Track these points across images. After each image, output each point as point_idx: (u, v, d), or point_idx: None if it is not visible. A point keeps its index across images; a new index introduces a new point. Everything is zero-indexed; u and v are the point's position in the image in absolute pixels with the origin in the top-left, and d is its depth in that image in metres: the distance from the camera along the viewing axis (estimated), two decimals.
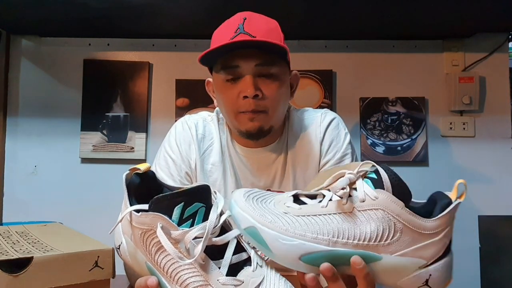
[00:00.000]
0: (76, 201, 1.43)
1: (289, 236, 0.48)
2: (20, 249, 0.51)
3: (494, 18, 1.29)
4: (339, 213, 0.49)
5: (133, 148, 1.45)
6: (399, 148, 1.44)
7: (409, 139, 1.44)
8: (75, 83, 1.46)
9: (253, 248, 0.51)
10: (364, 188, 0.49)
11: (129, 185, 0.54)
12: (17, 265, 0.47)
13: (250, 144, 0.83)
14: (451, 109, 1.45)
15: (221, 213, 0.50)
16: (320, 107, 1.45)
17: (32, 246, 0.53)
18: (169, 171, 0.84)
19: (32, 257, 0.48)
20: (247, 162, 0.85)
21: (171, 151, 0.85)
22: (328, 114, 0.88)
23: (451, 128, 1.45)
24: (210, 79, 0.87)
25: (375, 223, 0.48)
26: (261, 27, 0.75)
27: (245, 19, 0.76)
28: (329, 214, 0.49)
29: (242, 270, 0.48)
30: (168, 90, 1.47)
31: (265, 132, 0.78)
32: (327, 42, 1.48)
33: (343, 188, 0.49)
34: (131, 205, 0.51)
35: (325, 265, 0.48)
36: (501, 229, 1.42)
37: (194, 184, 0.52)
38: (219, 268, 0.47)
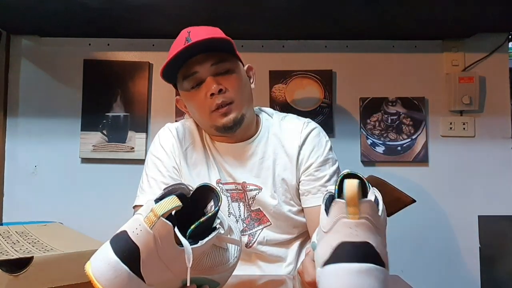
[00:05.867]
0: (76, 201, 1.43)
1: None
2: (20, 249, 0.51)
3: (494, 18, 1.29)
4: None
5: (133, 148, 1.45)
6: (399, 148, 1.44)
7: (409, 139, 1.44)
8: (75, 83, 1.46)
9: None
10: None
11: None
12: (17, 265, 0.47)
13: (227, 139, 0.92)
14: (451, 109, 1.45)
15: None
16: (320, 107, 1.45)
17: (32, 246, 0.53)
18: (157, 169, 0.91)
19: (32, 257, 0.48)
20: (226, 157, 0.92)
21: (157, 153, 0.93)
22: (310, 124, 0.96)
23: (451, 128, 1.45)
24: (179, 97, 0.96)
25: None
26: (205, 32, 0.85)
27: (189, 32, 0.86)
28: None
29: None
30: (168, 90, 1.46)
31: (240, 121, 0.86)
32: (327, 42, 1.48)
33: None
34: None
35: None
36: (501, 229, 1.42)
37: (187, 188, 0.55)
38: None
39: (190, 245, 0.47)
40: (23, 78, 1.47)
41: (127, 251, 0.44)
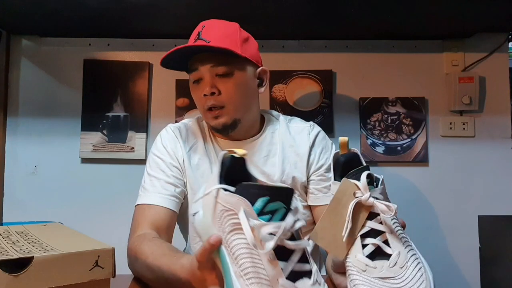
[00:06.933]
0: (76, 201, 1.43)
1: None
2: (20, 249, 0.51)
3: (494, 18, 1.29)
4: None
5: (133, 148, 1.45)
6: (399, 148, 1.44)
7: (409, 139, 1.44)
8: (75, 83, 1.46)
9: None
10: None
11: (223, 164, 0.57)
12: (17, 265, 0.47)
13: (228, 136, 0.93)
14: (451, 109, 1.45)
15: (297, 219, 0.50)
16: (320, 107, 1.45)
17: (32, 246, 0.53)
18: (159, 169, 0.91)
19: (32, 257, 0.48)
20: None
21: (159, 153, 0.93)
22: (316, 127, 1.01)
23: (451, 128, 1.45)
24: None
25: None
26: (217, 33, 0.86)
27: (204, 26, 0.87)
28: None
29: (300, 279, 0.48)
30: (168, 90, 1.47)
31: (231, 125, 0.88)
32: (327, 42, 1.48)
33: None
34: (220, 183, 0.54)
35: None
36: (501, 229, 1.42)
37: (281, 184, 0.53)
38: (282, 268, 0.47)
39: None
40: (23, 78, 1.47)
41: None
